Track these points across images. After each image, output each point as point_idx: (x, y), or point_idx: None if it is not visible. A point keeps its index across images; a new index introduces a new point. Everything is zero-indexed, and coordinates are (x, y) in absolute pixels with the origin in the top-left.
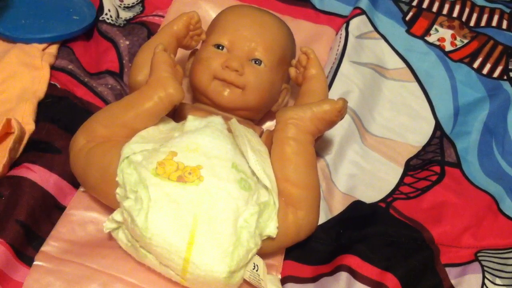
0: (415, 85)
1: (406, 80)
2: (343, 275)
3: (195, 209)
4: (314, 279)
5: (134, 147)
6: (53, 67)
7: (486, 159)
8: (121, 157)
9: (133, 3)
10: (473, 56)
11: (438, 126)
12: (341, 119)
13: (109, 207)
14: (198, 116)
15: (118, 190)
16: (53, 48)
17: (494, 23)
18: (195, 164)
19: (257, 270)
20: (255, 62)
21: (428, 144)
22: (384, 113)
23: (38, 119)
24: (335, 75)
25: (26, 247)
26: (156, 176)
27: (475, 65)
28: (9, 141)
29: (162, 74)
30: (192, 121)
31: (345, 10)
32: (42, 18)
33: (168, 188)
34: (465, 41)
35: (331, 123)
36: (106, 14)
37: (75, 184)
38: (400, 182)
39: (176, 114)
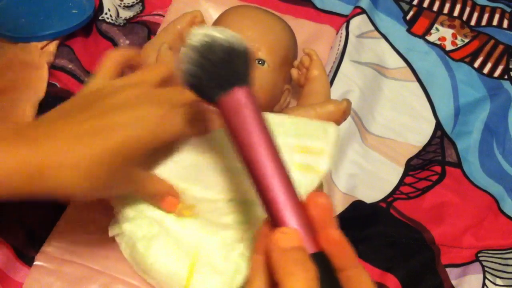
0: (416, 84)
1: (407, 79)
2: None
3: (195, 241)
4: None
5: None
6: (53, 66)
7: (487, 159)
8: None
9: (133, 2)
10: (474, 56)
11: (438, 125)
12: (344, 120)
13: (110, 207)
14: None
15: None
16: (52, 46)
17: (495, 23)
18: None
19: None
20: (259, 62)
21: (429, 144)
22: (385, 112)
23: None
24: (335, 74)
25: (27, 247)
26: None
27: (476, 64)
28: None
29: None
30: None
31: (346, 9)
32: (41, 15)
33: (168, 220)
34: (466, 40)
35: None
36: (106, 13)
37: None
38: (401, 182)
39: None
